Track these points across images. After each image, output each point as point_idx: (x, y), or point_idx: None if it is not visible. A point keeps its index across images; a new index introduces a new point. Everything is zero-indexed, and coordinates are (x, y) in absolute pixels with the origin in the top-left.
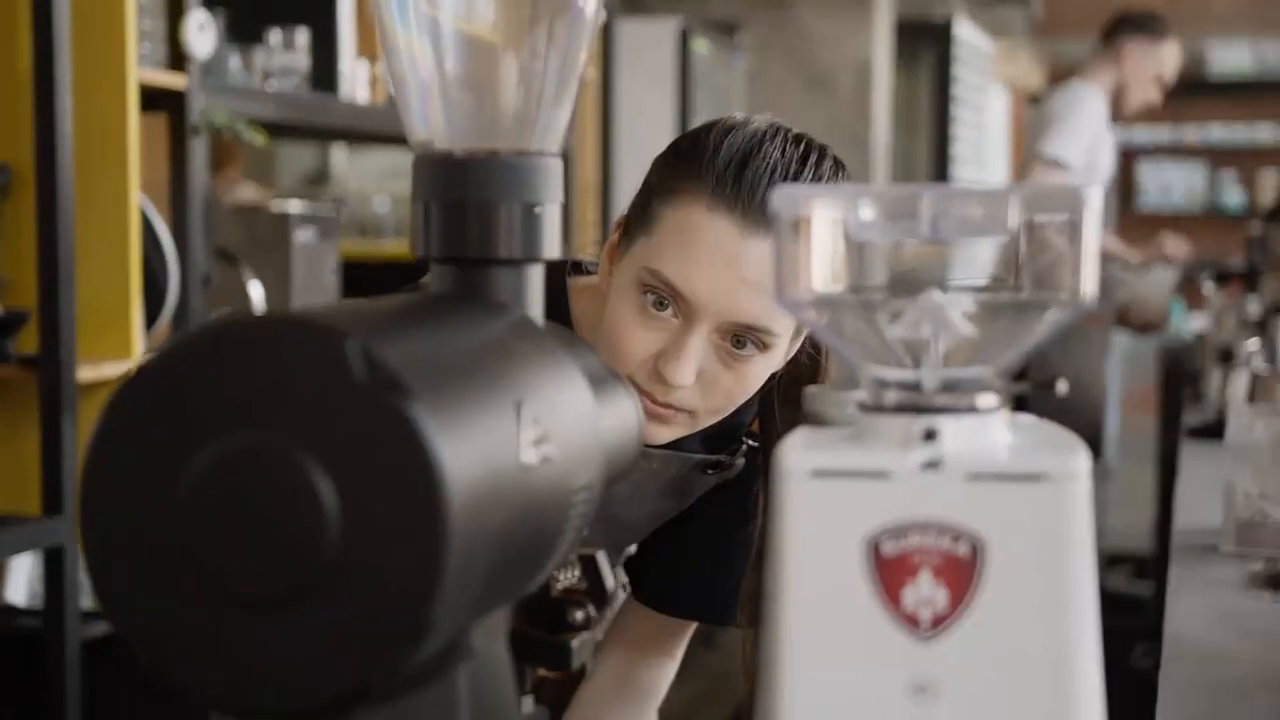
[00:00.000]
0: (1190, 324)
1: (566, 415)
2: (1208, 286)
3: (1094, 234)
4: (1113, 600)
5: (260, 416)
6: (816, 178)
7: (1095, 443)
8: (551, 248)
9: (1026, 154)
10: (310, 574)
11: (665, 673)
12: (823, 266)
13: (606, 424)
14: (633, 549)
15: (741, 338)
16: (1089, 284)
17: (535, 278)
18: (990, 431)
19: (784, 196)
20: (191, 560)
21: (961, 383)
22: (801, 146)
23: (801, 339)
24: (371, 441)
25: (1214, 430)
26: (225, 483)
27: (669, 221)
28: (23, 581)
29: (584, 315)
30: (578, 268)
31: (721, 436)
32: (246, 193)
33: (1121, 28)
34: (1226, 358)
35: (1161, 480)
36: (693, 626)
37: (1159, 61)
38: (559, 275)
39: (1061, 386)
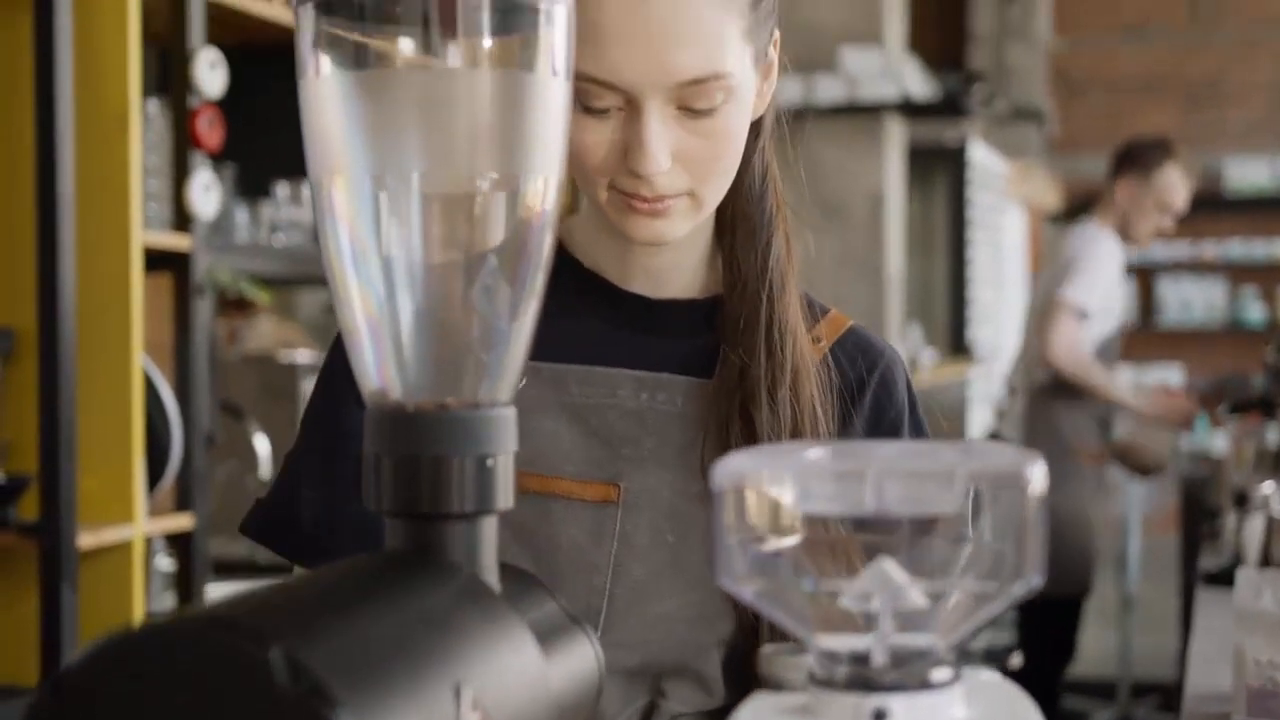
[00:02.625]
0: (1213, 442)
1: (511, 686)
2: (1224, 413)
3: (1038, 513)
4: None
5: None
6: None
7: (1083, 575)
8: (505, 498)
9: (1044, 293)
10: None
11: None
12: (765, 537)
13: (558, 676)
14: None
15: (696, 108)
16: (1034, 563)
17: (489, 531)
18: (944, 708)
19: (725, 471)
20: None
21: (913, 656)
22: None
23: (772, 79)
24: None
25: (1229, 576)
26: None
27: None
28: None
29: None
30: None
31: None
32: (265, 326)
33: (1116, 165)
34: (1241, 501)
35: (1184, 610)
36: None
37: (1155, 191)
38: None
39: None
